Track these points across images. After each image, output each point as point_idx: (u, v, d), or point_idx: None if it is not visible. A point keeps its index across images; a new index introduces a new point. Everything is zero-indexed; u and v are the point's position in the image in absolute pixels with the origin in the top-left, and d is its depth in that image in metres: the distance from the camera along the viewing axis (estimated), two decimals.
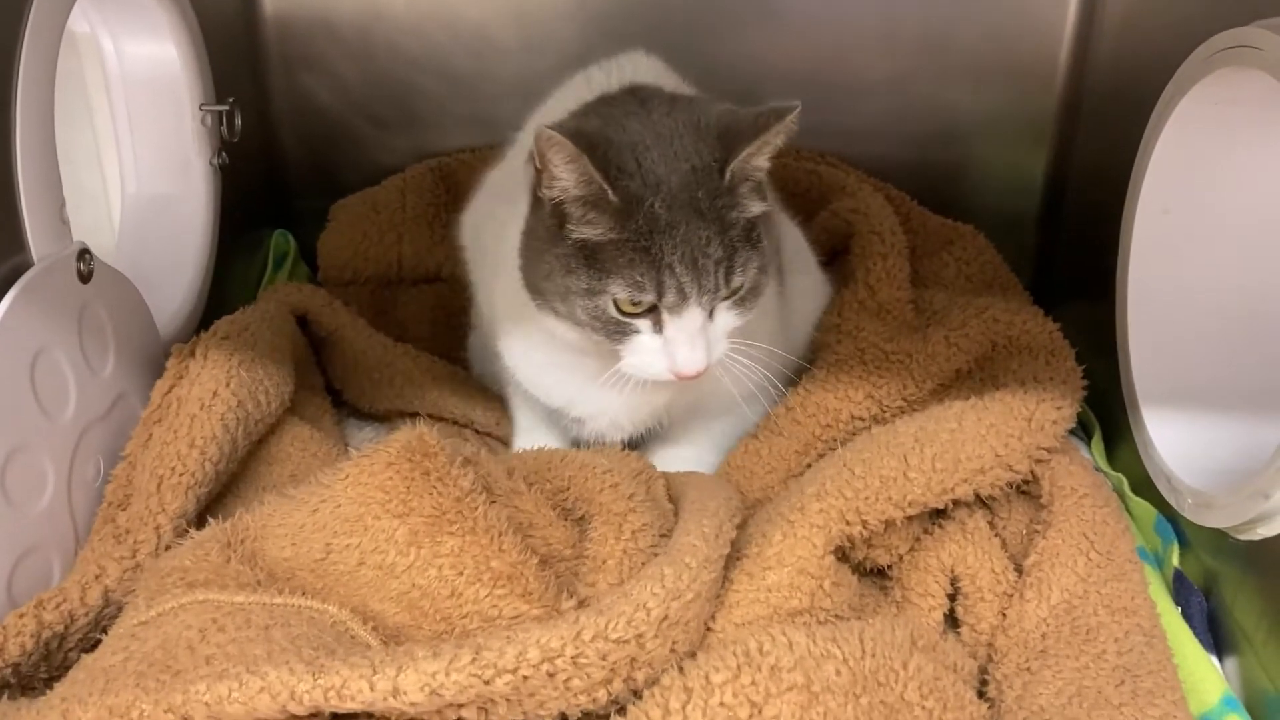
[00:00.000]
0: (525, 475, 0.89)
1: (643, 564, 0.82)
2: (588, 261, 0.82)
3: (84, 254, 0.90)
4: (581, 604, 0.79)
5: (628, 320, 0.83)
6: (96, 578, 0.81)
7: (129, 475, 0.91)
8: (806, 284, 1.12)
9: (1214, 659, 0.87)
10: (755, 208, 0.83)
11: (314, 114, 1.42)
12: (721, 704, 0.65)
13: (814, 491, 0.88)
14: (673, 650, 0.73)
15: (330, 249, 1.31)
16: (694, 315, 0.82)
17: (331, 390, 1.17)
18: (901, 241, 1.15)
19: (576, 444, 1.05)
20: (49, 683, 0.74)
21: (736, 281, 0.82)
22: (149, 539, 0.85)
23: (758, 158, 0.82)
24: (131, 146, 1.15)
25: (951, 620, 0.90)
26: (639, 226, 0.79)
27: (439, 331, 1.22)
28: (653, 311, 0.83)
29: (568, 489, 0.88)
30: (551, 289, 0.84)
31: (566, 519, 0.88)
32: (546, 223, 0.84)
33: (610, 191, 0.79)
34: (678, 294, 0.80)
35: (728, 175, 0.80)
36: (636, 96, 0.88)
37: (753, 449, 1.04)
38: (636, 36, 1.36)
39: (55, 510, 0.86)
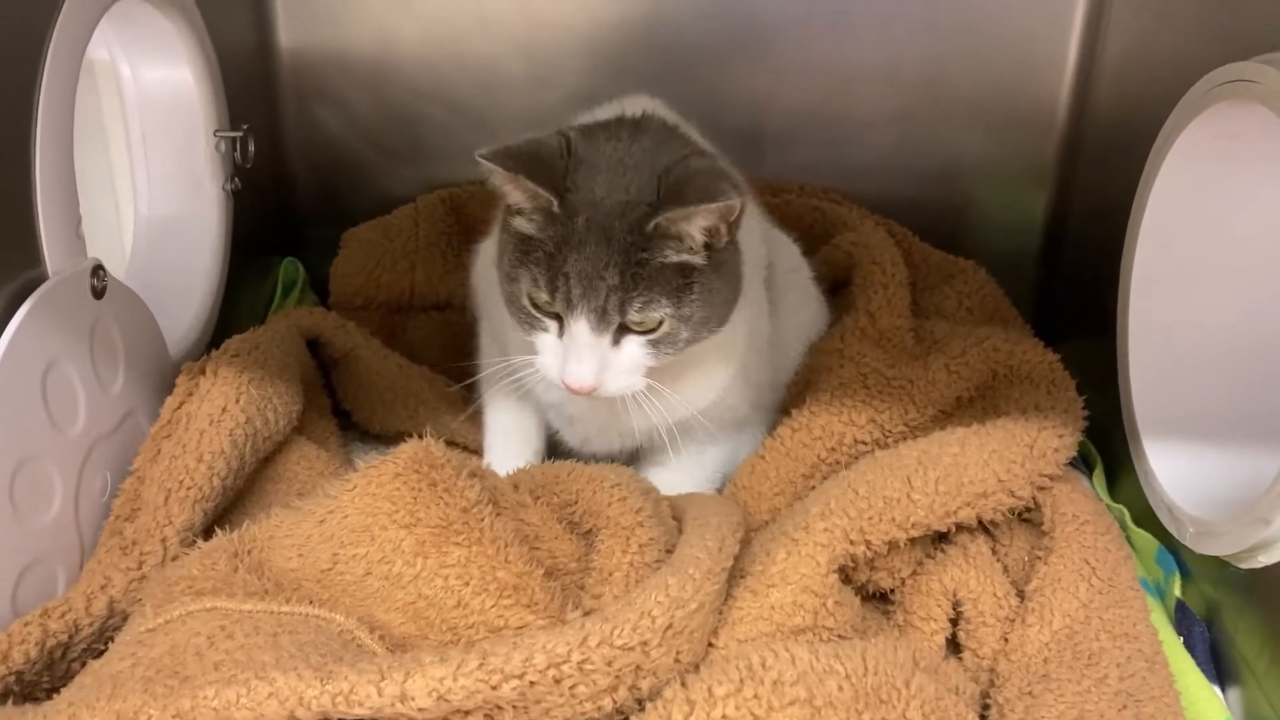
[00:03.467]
0: (532, 489, 0.90)
1: (648, 577, 0.82)
2: (518, 251, 0.88)
3: (98, 270, 0.92)
4: (586, 615, 0.79)
5: (539, 316, 0.89)
6: (102, 588, 0.82)
7: (137, 489, 0.92)
8: (795, 300, 1.15)
9: (1216, 689, 0.87)
10: (673, 257, 0.86)
11: (325, 144, 1.45)
12: (724, 716, 0.66)
13: (818, 511, 0.89)
14: (677, 659, 0.74)
15: (342, 274, 1.32)
16: (583, 329, 0.86)
17: (339, 413, 1.18)
18: (902, 272, 1.17)
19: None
20: (51, 693, 0.73)
21: (634, 315, 0.86)
22: (155, 551, 0.85)
23: (683, 224, 0.85)
24: (146, 169, 1.17)
25: (954, 646, 0.90)
26: (560, 234, 0.86)
27: (449, 355, 1.23)
28: (557, 318, 0.88)
29: (575, 502, 0.89)
30: (499, 272, 0.92)
31: (573, 532, 0.88)
32: (503, 217, 0.92)
33: (555, 203, 0.86)
34: (565, 302, 0.86)
35: (650, 224, 0.84)
36: (630, 124, 0.94)
37: (760, 470, 1.04)
38: (642, 73, 1.40)
39: (62, 523, 0.87)
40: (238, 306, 1.26)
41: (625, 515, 0.86)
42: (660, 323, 0.87)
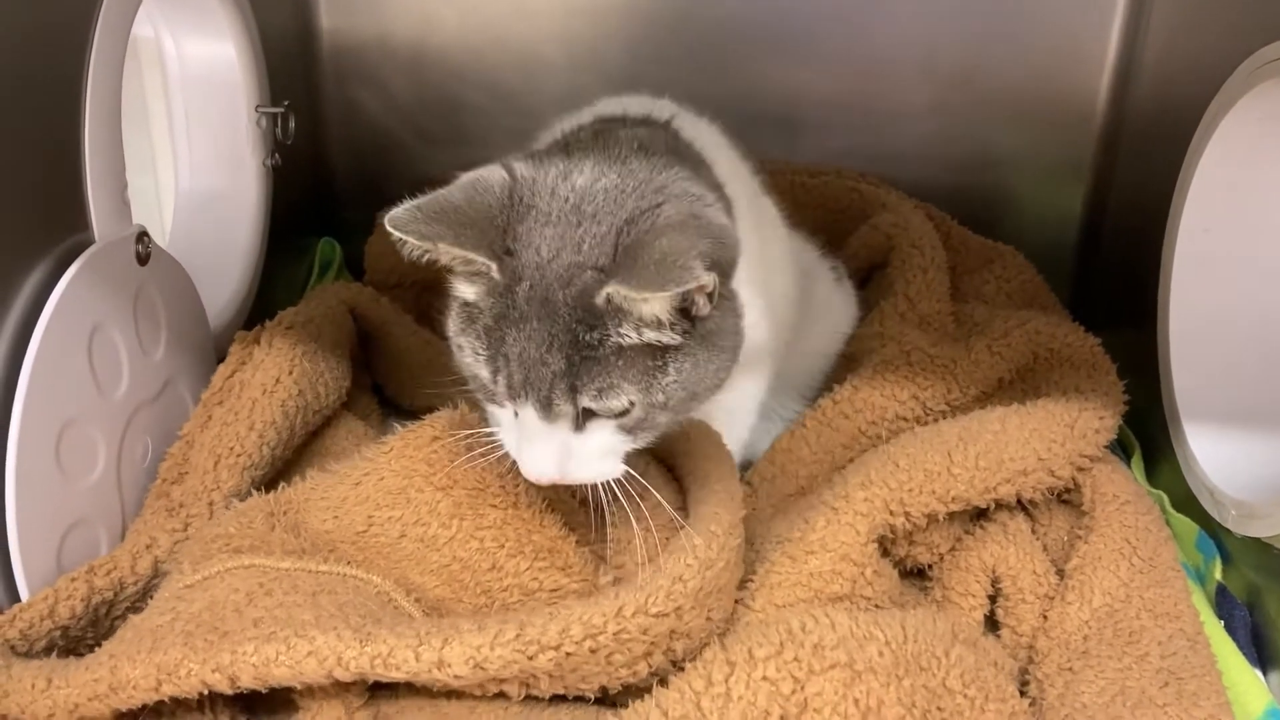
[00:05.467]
0: None
1: (665, 539, 0.81)
2: (459, 316, 0.76)
3: (143, 236, 0.93)
4: (617, 580, 0.79)
5: (492, 391, 0.75)
6: (148, 547, 0.83)
7: (185, 454, 0.93)
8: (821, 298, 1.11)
9: (1258, 672, 0.86)
10: (634, 336, 0.71)
11: (364, 126, 1.46)
12: (764, 678, 0.66)
13: (858, 481, 0.88)
14: (709, 618, 0.74)
15: (377, 253, 1.33)
16: (532, 416, 0.72)
17: (377, 388, 1.18)
18: (941, 256, 1.16)
19: None
20: (95, 649, 0.75)
21: (588, 404, 0.72)
22: (201, 514, 0.86)
23: (639, 305, 0.70)
24: (188, 143, 1.18)
25: (992, 624, 0.90)
26: (499, 305, 0.72)
27: None
28: None
29: None
30: (450, 341, 0.78)
31: (585, 506, 0.87)
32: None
33: (493, 267, 0.71)
34: (507, 387, 0.72)
35: (599, 296, 0.70)
36: (601, 145, 0.79)
37: (800, 436, 1.04)
38: (678, 58, 1.40)
39: (105, 485, 0.88)
40: (275, 284, 1.27)
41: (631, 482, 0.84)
42: (629, 406, 0.73)
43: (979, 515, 0.94)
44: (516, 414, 0.75)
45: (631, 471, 0.77)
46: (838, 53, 1.39)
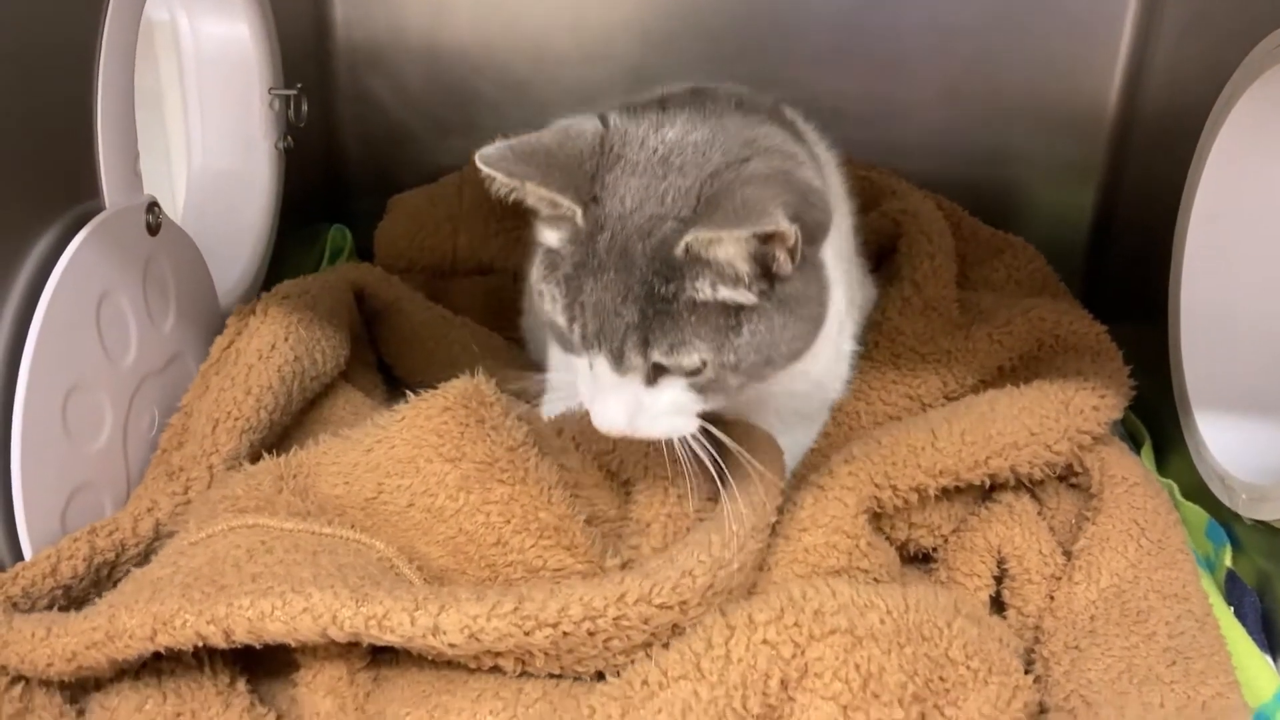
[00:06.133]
0: (574, 435, 0.89)
1: (686, 529, 0.81)
2: (543, 262, 0.75)
3: (153, 206, 0.93)
4: (625, 565, 0.79)
5: (570, 340, 0.75)
6: (149, 510, 0.83)
7: (184, 423, 0.93)
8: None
9: (1268, 657, 0.85)
10: (710, 292, 0.70)
11: (377, 114, 1.46)
12: (765, 641, 0.65)
13: (841, 458, 0.88)
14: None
15: (387, 238, 1.33)
16: (605, 368, 0.73)
17: (382, 369, 1.18)
18: (949, 243, 1.16)
19: None
20: None
21: (659, 359, 0.71)
22: (201, 477, 0.86)
23: (715, 250, 0.68)
24: (201, 123, 1.19)
25: (998, 608, 0.89)
26: (580, 253, 0.71)
27: (490, 319, 1.23)
28: None
29: (613, 450, 0.87)
30: (532, 287, 0.78)
31: (612, 481, 0.87)
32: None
33: (578, 213, 0.71)
34: (582, 336, 0.72)
35: (678, 247, 0.69)
36: (695, 104, 0.79)
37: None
38: (690, 49, 1.40)
39: (110, 452, 0.88)
40: (285, 270, 1.27)
41: (662, 466, 0.83)
42: (702, 365, 0.72)
43: (984, 498, 0.94)
44: (591, 365, 0.74)
45: (709, 427, 0.76)
46: (850, 44, 1.38)
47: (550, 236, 0.74)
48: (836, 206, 0.88)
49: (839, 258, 0.86)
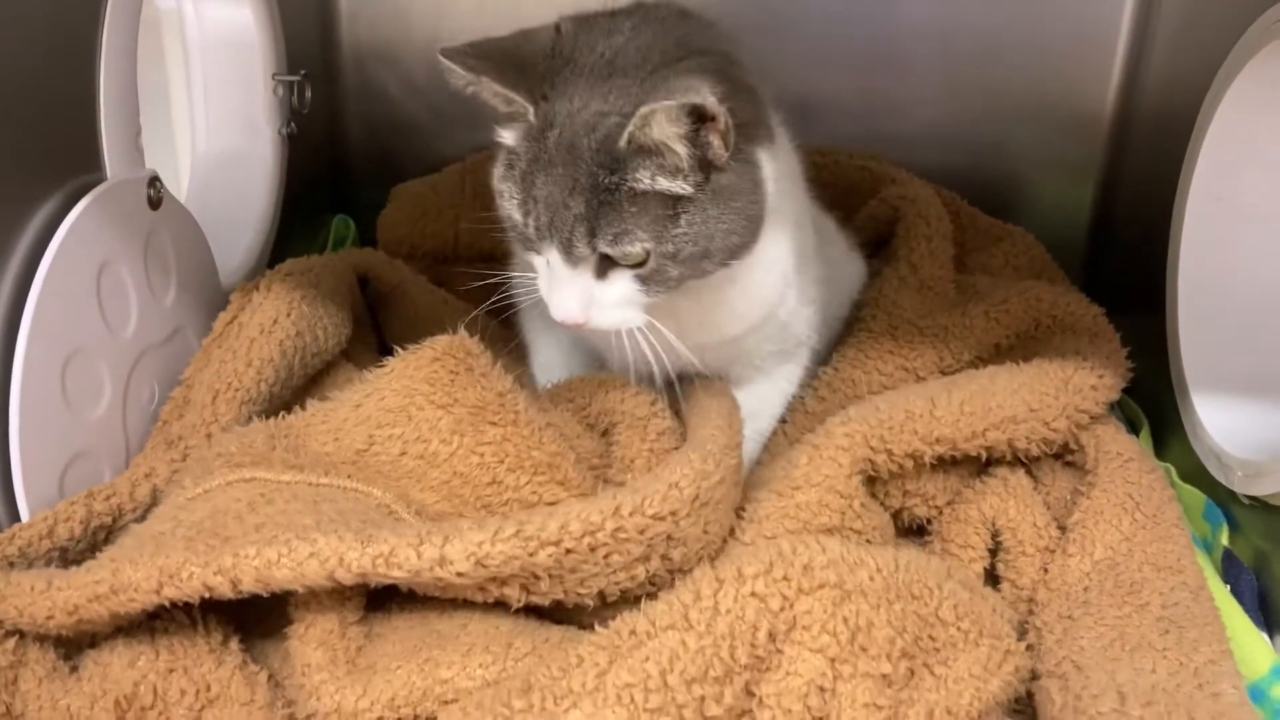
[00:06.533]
0: (551, 396, 0.92)
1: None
2: (503, 163, 0.80)
3: (154, 181, 0.94)
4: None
5: (529, 238, 0.79)
6: (146, 476, 0.83)
7: (185, 395, 0.94)
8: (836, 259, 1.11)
9: (1264, 635, 0.85)
10: (649, 182, 0.74)
11: (381, 105, 1.48)
12: (753, 594, 0.65)
13: (838, 420, 0.89)
14: (705, 530, 0.75)
15: (390, 224, 1.34)
16: (556, 258, 0.77)
17: (385, 351, 1.19)
18: (946, 226, 1.17)
19: None
20: None
21: (605, 249, 0.75)
22: (200, 445, 0.87)
23: (652, 133, 0.72)
24: (205, 106, 1.20)
25: (992, 580, 0.89)
26: (533, 150, 0.76)
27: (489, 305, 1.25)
28: None
29: (590, 405, 0.91)
30: (494, 188, 0.82)
31: (591, 431, 0.90)
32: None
33: (530, 111, 0.76)
34: (535, 229, 0.77)
35: (621, 139, 0.73)
36: (641, 13, 0.82)
37: (780, 431, 1.03)
38: None
39: (110, 421, 0.89)
40: (289, 257, 1.28)
41: (640, 408, 0.87)
42: (645, 257, 0.76)
43: (979, 472, 0.94)
44: (548, 261, 0.79)
45: (655, 323, 0.80)
46: (851, 39, 1.39)
47: (508, 136, 0.79)
48: (784, 147, 0.92)
49: (788, 198, 0.89)
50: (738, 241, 0.79)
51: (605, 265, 0.77)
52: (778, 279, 0.90)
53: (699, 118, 0.72)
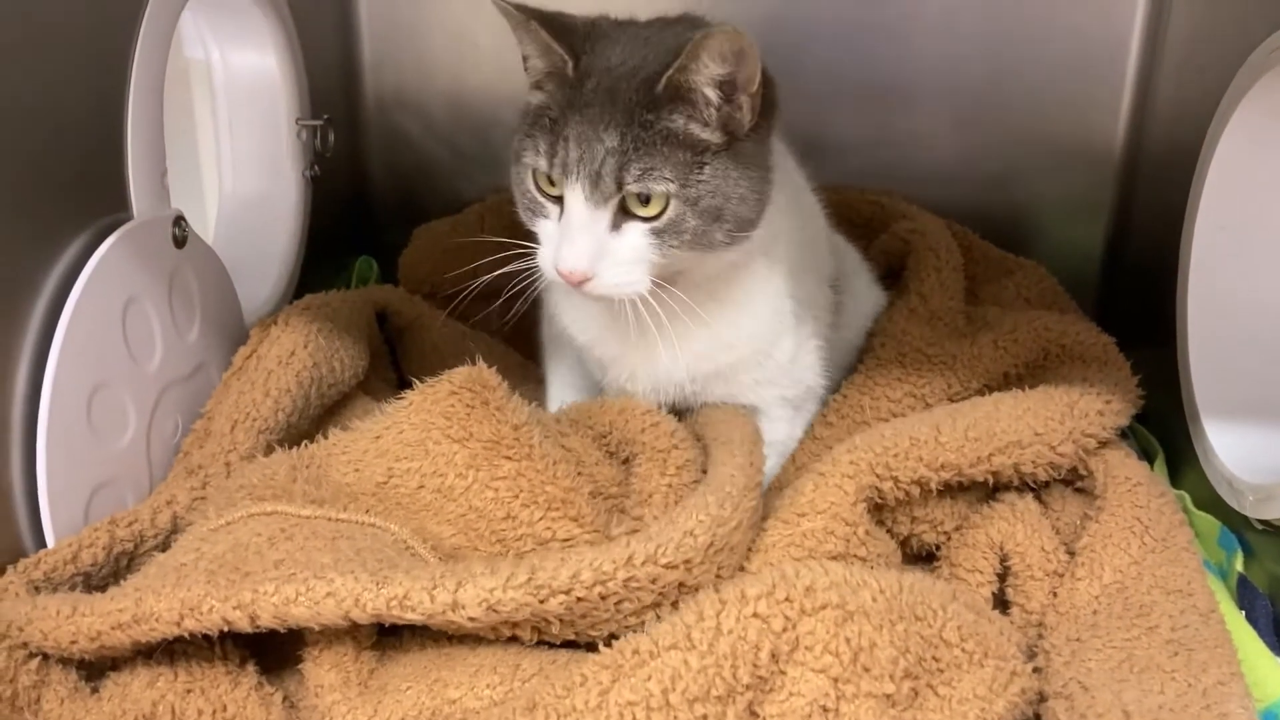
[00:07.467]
0: (571, 420, 0.92)
1: (687, 497, 0.83)
2: (526, 125, 0.84)
3: (179, 220, 0.97)
4: (630, 534, 0.80)
5: (541, 201, 0.84)
6: (168, 503, 0.86)
7: (206, 427, 0.96)
8: (860, 289, 1.14)
9: (1279, 660, 0.84)
10: (682, 123, 0.80)
11: (404, 149, 1.51)
12: (755, 614, 0.66)
13: (844, 448, 0.89)
14: (718, 575, 0.75)
15: (411, 264, 1.37)
16: (578, 200, 0.80)
17: (404, 386, 1.21)
18: (957, 259, 1.18)
19: None
20: None
21: (631, 183, 0.79)
22: (219, 473, 0.89)
23: (691, 75, 0.78)
24: (231, 149, 1.24)
25: (1001, 605, 0.89)
26: (567, 97, 0.81)
27: (509, 338, 1.27)
28: (560, 201, 0.83)
29: (610, 432, 0.91)
30: (513, 152, 0.86)
31: (612, 459, 0.90)
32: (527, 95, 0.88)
33: (570, 64, 0.81)
34: (562, 166, 0.80)
35: (661, 83, 0.78)
36: (667, 19, 0.90)
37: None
38: None
39: (134, 452, 0.91)
40: None
41: (660, 439, 0.88)
42: (664, 206, 0.80)
43: (988, 498, 0.94)
44: (563, 209, 0.82)
45: (657, 285, 0.83)
46: (861, 77, 1.41)
47: (538, 95, 0.84)
48: (793, 180, 1.00)
49: (791, 221, 0.95)
50: (747, 213, 0.83)
51: (620, 218, 0.81)
52: (771, 313, 0.94)
53: (738, 58, 0.77)
